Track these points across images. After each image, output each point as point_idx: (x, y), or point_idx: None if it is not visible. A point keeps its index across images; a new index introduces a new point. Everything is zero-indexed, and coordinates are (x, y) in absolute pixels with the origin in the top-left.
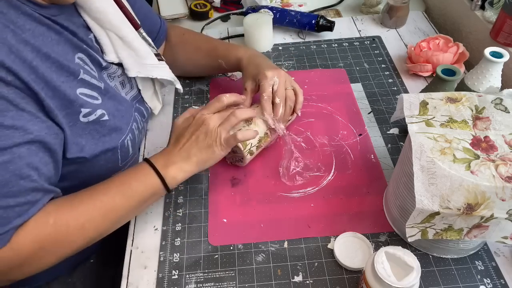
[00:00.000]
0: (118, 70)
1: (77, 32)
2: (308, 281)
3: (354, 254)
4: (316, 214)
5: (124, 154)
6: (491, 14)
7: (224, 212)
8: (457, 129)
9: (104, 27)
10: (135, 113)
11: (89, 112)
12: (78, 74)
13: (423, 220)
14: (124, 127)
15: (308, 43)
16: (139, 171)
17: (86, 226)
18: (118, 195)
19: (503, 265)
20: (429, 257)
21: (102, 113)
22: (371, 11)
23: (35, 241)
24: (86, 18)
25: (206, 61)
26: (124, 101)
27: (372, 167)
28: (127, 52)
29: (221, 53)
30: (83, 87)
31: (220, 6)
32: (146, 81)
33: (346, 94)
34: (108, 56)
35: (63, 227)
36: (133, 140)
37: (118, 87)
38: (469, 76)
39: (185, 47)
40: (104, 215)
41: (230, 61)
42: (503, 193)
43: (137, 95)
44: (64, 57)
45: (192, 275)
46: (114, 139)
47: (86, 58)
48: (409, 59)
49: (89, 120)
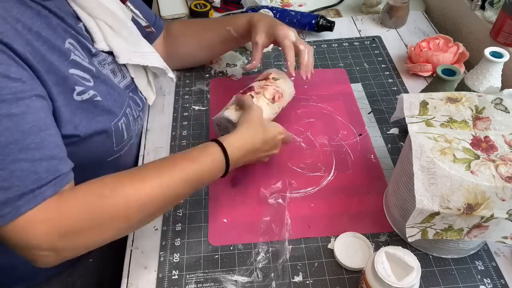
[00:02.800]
0: (108, 58)
1: (66, 19)
2: (308, 281)
3: (354, 254)
4: (316, 214)
5: (119, 138)
6: (491, 14)
7: (224, 212)
8: (457, 129)
9: (93, 16)
10: (129, 101)
11: (83, 91)
12: (69, 55)
13: (423, 220)
14: (117, 110)
15: (308, 43)
16: (210, 155)
17: (146, 204)
18: (185, 180)
19: (503, 265)
20: (429, 257)
21: (94, 94)
22: (371, 11)
23: (87, 207)
24: (75, 8)
25: (213, 34)
26: (116, 87)
27: (372, 167)
28: (117, 41)
29: (228, 21)
30: (75, 68)
31: (220, 6)
32: (139, 69)
33: (346, 94)
34: (98, 45)
35: (121, 200)
36: (127, 124)
37: (109, 75)
38: (469, 76)
39: (190, 29)
40: (165, 195)
41: (238, 24)
42: (503, 193)
43: (131, 84)
44: (55, 40)
45: (192, 275)
46: (107, 120)
47: (75, 44)
48: (409, 59)
49: (82, 98)
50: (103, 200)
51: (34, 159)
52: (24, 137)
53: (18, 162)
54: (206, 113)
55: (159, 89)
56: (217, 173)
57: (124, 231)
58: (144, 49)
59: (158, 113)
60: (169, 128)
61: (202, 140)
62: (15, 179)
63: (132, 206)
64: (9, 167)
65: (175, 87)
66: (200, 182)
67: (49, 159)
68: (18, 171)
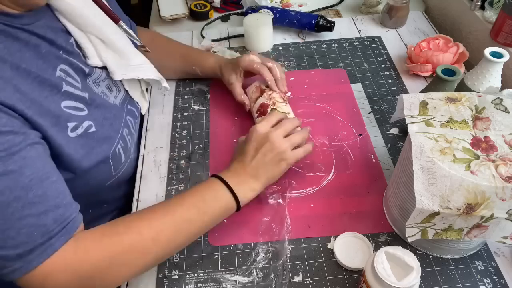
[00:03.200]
0: (102, 74)
1: (55, 39)
2: (308, 281)
3: (354, 254)
4: (316, 214)
5: (117, 163)
6: (491, 14)
7: None
8: (457, 129)
9: (84, 31)
10: (127, 117)
11: (76, 126)
12: (61, 87)
13: (423, 220)
14: (114, 135)
15: (308, 43)
16: (213, 188)
17: (159, 236)
18: (193, 209)
19: (503, 265)
20: (429, 257)
21: (89, 125)
22: (371, 11)
23: (104, 248)
24: (65, 23)
25: (179, 66)
26: (112, 108)
27: (372, 167)
28: (111, 55)
29: (195, 60)
30: (68, 99)
31: (220, 6)
32: (133, 81)
33: (346, 94)
34: (91, 60)
35: (135, 235)
36: (124, 147)
37: (105, 92)
38: (469, 76)
39: (156, 52)
40: (177, 227)
41: (205, 68)
42: (503, 193)
43: (126, 97)
44: (45, 71)
45: (192, 275)
46: (105, 149)
47: (68, 69)
48: (409, 59)
49: (77, 134)
50: (118, 237)
51: (39, 213)
52: (26, 192)
53: (23, 219)
54: (206, 113)
55: (159, 89)
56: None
57: (141, 268)
58: (137, 61)
59: (158, 113)
60: (169, 128)
61: (202, 140)
62: (23, 236)
63: (146, 238)
64: (15, 225)
65: (175, 87)
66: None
67: (54, 208)
68: (25, 228)
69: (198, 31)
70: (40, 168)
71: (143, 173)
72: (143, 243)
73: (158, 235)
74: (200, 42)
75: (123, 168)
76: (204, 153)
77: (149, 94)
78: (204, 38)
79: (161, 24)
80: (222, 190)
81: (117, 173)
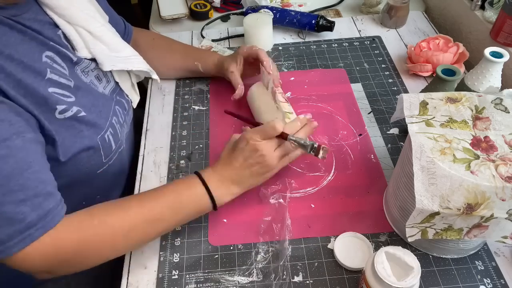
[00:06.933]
0: (91, 64)
1: (42, 30)
2: (308, 281)
3: (354, 254)
4: (316, 214)
5: (107, 150)
6: (491, 14)
7: (224, 212)
8: (457, 129)
9: (72, 23)
10: (116, 107)
11: (65, 109)
12: (45, 74)
13: (423, 220)
14: (103, 121)
15: (308, 43)
16: (191, 187)
17: (131, 232)
18: (167, 209)
19: (503, 265)
20: (429, 257)
21: (78, 110)
22: (371, 11)
23: (79, 239)
24: (52, 16)
25: (181, 63)
26: (100, 96)
27: (372, 167)
28: (99, 47)
29: (197, 56)
30: (53, 86)
31: (220, 6)
32: (123, 73)
33: (346, 94)
34: (80, 53)
35: (108, 229)
36: (114, 134)
37: (94, 82)
38: (469, 76)
39: (157, 50)
40: (150, 223)
41: (207, 63)
42: (503, 193)
43: (116, 88)
44: (30, 56)
45: (192, 275)
46: (93, 134)
47: (55, 56)
48: (409, 59)
49: (65, 116)
50: (93, 231)
51: (18, 201)
52: (8, 180)
53: (3, 205)
54: (206, 113)
55: (159, 89)
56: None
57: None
58: (126, 53)
59: (158, 113)
60: (169, 128)
61: (202, 140)
62: (3, 221)
63: (118, 234)
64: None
65: (175, 87)
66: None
67: (33, 197)
68: (4, 214)
69: (198, 31)
70: (23, 158)
71: (143, 173)
72: (115, 239)
73: (129, 233)
74: (200, 42)
75: (114, 155)
76: (204, 153)
77: (148, 94)
78: (204, 38)
79: (161, 24)
80: (200, 192)
81: (108, 161)
